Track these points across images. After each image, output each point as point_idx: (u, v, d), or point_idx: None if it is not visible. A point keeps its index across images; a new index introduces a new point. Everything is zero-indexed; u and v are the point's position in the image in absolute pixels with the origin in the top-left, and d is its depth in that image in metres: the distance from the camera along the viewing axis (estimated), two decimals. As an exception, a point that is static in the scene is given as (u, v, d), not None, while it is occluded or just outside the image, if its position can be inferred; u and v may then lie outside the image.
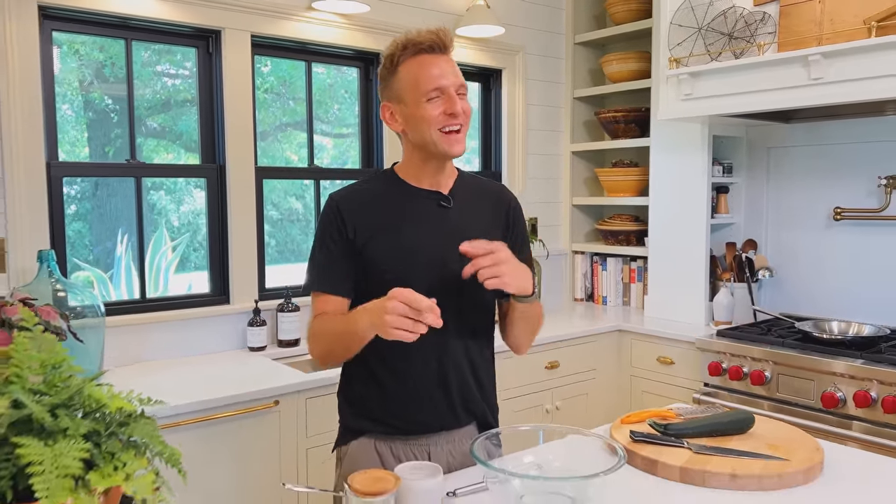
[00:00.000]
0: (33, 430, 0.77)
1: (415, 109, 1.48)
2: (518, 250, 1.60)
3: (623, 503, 1.39)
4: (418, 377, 1.56)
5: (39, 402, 0.78)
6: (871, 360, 2.50)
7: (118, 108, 2.74)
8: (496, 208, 1.66)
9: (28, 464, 0.73)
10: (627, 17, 3.70)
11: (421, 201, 1.58)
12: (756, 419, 1.69)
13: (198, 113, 2.83)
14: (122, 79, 2.69)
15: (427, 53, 1.48)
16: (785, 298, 3.29)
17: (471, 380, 1.60)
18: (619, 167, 3.77)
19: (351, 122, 3.31)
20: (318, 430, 2.38)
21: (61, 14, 2.46)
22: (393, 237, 1.54)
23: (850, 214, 3.06)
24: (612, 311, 3.67)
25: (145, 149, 2.77)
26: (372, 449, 1.56)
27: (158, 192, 2.85)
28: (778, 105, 2.63)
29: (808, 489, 1.44)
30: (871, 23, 2.36)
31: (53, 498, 0.71)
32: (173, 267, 3.02)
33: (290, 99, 3.17)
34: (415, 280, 1.42)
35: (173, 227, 2.94)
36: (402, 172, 1.61)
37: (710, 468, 1.46)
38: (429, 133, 1.49)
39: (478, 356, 1.63)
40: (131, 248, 2.82)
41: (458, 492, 1.41)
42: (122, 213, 2.81)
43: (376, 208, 1.56)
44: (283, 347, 2.82)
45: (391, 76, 1.52)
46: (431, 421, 1.57)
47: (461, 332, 1.58)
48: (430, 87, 1.47)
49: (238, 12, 2.76)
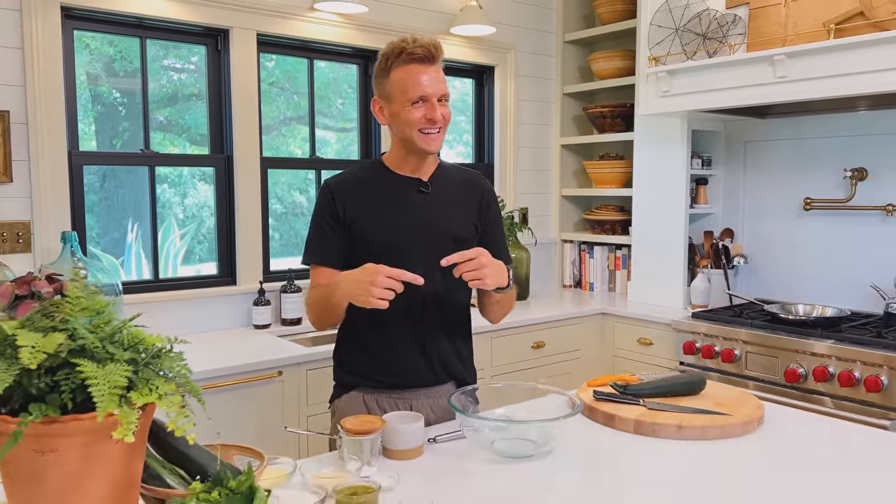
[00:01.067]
0: (86, 357, 0.97)
1: (400, 110, 1.69)
2: (491, 232, 1.86)
3: (583, 450, 1.59)
4: (400, 345, 1.78)
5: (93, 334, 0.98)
6: (831, 339, 2.69)
7: (126, 101, 2.93)
8: (471, 193, 1.86)
9: (85, 380, 0.93)
10: (614, 17, 3.89)
11: (402, 187, 1.79)
12: (707, 382, 1.89)
13: (207, 107, 3.03)
14: (130, 73, 2.89)
15: (418, 63, 1.67)
16: (759, 284, 3.49)
17: (447, 346, 1.82)
18: (605, 160, 3.96)
19: (353, 116, 3.51)
20: (317, 398, 2.59)
21: (82, 14, 2.66)
22: (376, 217, 1.76)
23: (820, 205, 3.25)
24: (598, 297, 3.86)
25: (152, 141, 2.96)
26: (360, 401, 1.78)
27: (162, 185, 3.03)
28: (747, 101, 2.82)
29: (746, 438, 1.64)
30: (830, 25, 2.55)
31: (106, 406, 0.91)
32: (181, 255, 3.22)
33: (293, 93, 3.37)
34: (395, 255, 1.67)
35: (178, 218, 3.13)
36: (388, 161, 1.82)
37: (659, 420, 1.66)
38: (410, 132, 1.70)
39: (454, 325, 1.84)
40: (141, 236, 3.02)
41: (438, 438, 1.62)
42: (129, 203, 2.99)
43: (363, 192, 1.78)
44: (286, 326, 3.03)
45: (384, 77, 1.71)
46: (414, 379, 1.79)
47: (438, 302, 1.78)
48: (416, 94, 1.66)
49: (245, 12, 2.96)
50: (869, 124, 3.09)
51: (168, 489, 1.15)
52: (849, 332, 2.73)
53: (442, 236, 1.77)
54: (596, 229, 4.05)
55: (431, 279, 1.74)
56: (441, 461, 1.51)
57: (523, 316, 3.28)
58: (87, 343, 0.98)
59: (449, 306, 1.81)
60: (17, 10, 2.47)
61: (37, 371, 0.95)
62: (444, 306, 1.80)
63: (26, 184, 2.53)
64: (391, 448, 1.51)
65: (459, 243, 1.75)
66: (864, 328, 2.77)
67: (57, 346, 0.95)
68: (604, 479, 1.45)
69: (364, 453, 1.43)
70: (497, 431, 1.56)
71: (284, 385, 2.52)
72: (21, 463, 0.96)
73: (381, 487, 1.27)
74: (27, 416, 0.92)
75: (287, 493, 1.28)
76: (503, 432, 1.56)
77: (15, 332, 0.96)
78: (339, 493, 1.24)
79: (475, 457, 1.53)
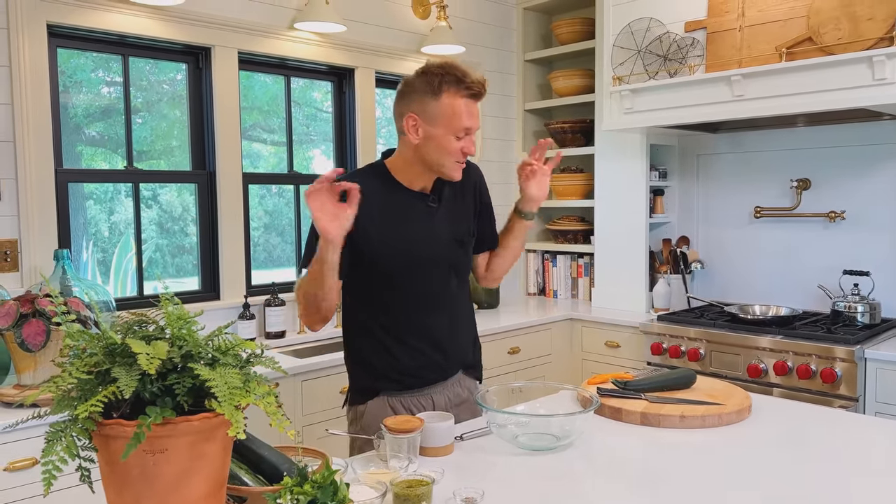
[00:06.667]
0: (195, 361, 1.04)
1: (442, 138, 1.72)
2: (486, 213, 2.03)
3: (597, 440, 1.72)
4: (420, 346, 1.87)
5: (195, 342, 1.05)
6: (787, 336, 2.93)
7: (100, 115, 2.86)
8: (467, 190, 1.94)
9: (202, 383, 1.00)
10: (572, 38, 4.10)
11: (413, 201, 1.83)
12: (697, 377, 2.06)
13: (188, 123, 3.05)
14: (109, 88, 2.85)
15: (471, 98, 1.73)
16: (715, 287, 3.73)
17: (460, 341, 1.96)
18: (566, 173, 4.15)
19: (314, 131, 3.56)
20: (312, 409, 2.64)
21: (66, 32, 2.66)
22: (387, 232, 1.78)
23: (768, 213, 3.52)
24: (563, 304, 4.04)
25: (84, 157, 2.87)
26: (386, 405, 1.87)
27: (88, 200, 2.92)
28: (707, 118, 3.05)
29: (741, 425, 1.81)
30: (782, 49, 2.80)
31: (229, 403, 0.99)
32: (137, 272, 3.17)
33: (252, 109, 3.37)
34: (405, 272, 1.80)
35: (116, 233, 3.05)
36: (396, 173, 1.82)
37: (663, 412, 1.81)
38: (445, 160, 1.74)
39: (465, 321, 2.00)
40: (104, 252, 2.99)
41: (465, 436, 1.72)
42: (83, 221, 2.93)
43: (372, 204, 1.73)
44: (270, 339, 3.06)
45: (430, 97, 1.70)
46: (433, 376, 1.90)
47: (453, 305, 1.93)
48: (463, 126, 1.72)
49: (227, 31, 3.01)
50: (809, 139, 3.38)
51: (249, 487, 1.22)
52: (802, 328, 2.97)
53: (450, 245, 1.89)
54: (558, 239, 4.24)
55: (447, 286, 1.89)
56: (474, 456, 1.62)
57: (497, 323, 3.42)
58: (193, 349, 1.05)
59: (462, 304, 1.95)
60: (5, 28, 2.46)
61: (150, 376, 1.01)
62: (457, 306, 1.93)
63: (13, 202, 2.50)
64: (426, 446, 1.61)
65: (465, 245, 1.92)
66: (815, 325, 3.02)
67: (167, 353, 1.02)
68: (622, 466, 1.58)
69: (404, 450, 1.53)
70: (520, 427, 1.67)
71: (280, 397, 2.56)
72: (131, 463, 1.02)
73: (434, 480, 1.37)
74: (146, 418, 0.98)
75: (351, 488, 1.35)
76: (526, 427, 1.68)
77: (126, 341, 1.02)
78: (397, 485, 1.33)
79: (502, 450, 1.64)
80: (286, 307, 3.10)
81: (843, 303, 3.07)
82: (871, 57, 2.58)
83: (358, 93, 3.52)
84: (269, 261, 3.48)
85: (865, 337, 2.83)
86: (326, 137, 3.60)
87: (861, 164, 3.24)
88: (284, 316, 3.10)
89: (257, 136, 3.43)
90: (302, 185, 3.43)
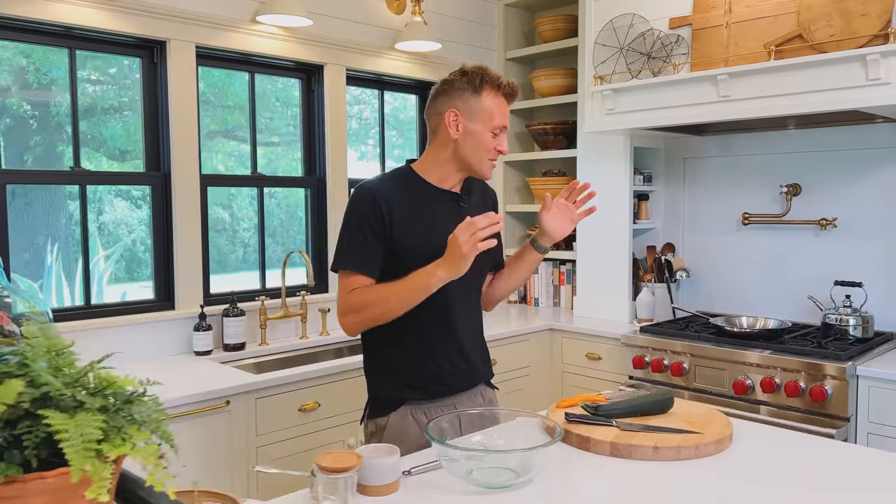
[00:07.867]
0: (50, 406, 0.87)
1: (481, 134, 1.78)
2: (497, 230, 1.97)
3: (560, 475, 1.55)
4: (446, 353, 1.85)
5: (57, 379, 0.88)
6: (775, 351, 2.76)
7: (37, 114, 2.71)
8: (486, 199, 2.02)
9: (51, 434, 0.83)
10: (554, 36, 3.93)
11: (445, 202, 1.85)
12: (675, 400, 1.89)
13: (142, 122, 2.87)
14: (44, 85, 2.68)
15: (506, 98, 1.81)
16: (701, 296, 3.57)
17: (479, 347, 1.96)
18: (548, 176, 3.99)
19: (282, 130, 3.38)
20: (267, 428, 2.47)
21: (5, 23, 2.48)
22: (422, 231, 1.78)
23: (757, 219, 3.36)
24: (544, 312, 3.87)
25: (65, 157, 2.74)
26: (409, 419, 1.82)
27: (75, 201, 2.80)
28: (692, 119, 2.89)
29: (720, 457, 1.64)
30: (771, 47, 2.64)
31: (80, 461, 0.81)
32: (107, 276, 3.03)
33: (219, 107, 3.21)
34: None
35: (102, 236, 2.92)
36: (424, 173, 1.84)
37: (635, 442, 1.64)
38: (481, 156, 1.80)
39: (480, 327, 1.99)
40: (62, 258, 2.82)
41: (413, 470, 1.55)
42: (42, 222, 2.77)
43: (407, 204, 1.79)
44: (228, 351, 2.89)
45: (472, 94, 1.77)
46: (457, 385, 1.89)
47: (470, 309, 1.93)
48: (499, 124, 1.79)
49: (183, 24, 2.83)
50: (800, 142, 3.22)
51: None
52: (791, 343, 2.81)
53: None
54: (540, 245, 4.06)
55: (468, 289, 1.89)
56: (420, 495, 1.44)
57: (473, 334, 3.24)
58: (52, 390, 0.87)
59: (478, 310, 1.97)
60: (-67, 17, 2.28)
61: (-6, 425, 0.84)
62: (475, 311, 1.95)
63: (-57, 205, 2.32)
64: (367, 484, 1.43)
65: (485, 251, 1.79)
66: (804, 339, 2.86)
67: (17, 396, 0.84)
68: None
69: (340, 491, 1.35)
70: (475, 461, 1.50)
71: (232, 415, 2.39)
72: (-26, 530, 0.85)
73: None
74: (-16, 477, 0.81)
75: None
76: (481, 461, 1.51)
77: (-34, 381, 0.85)
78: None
79: (454, 488, 1.47)
80: (245, 318, 2.93)
81: (834, 315, 2.91)
82: (864, 55, 2.42)
83: (327, 90, 3.34)
84: (269, 264, 3.34)
85: (858, 352, 2.67)
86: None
87: (854, 169, 3.08)
88: (244, 327, 2.92)
89: (244, 137, 3.25)
90: (266, 187, 3.25)
